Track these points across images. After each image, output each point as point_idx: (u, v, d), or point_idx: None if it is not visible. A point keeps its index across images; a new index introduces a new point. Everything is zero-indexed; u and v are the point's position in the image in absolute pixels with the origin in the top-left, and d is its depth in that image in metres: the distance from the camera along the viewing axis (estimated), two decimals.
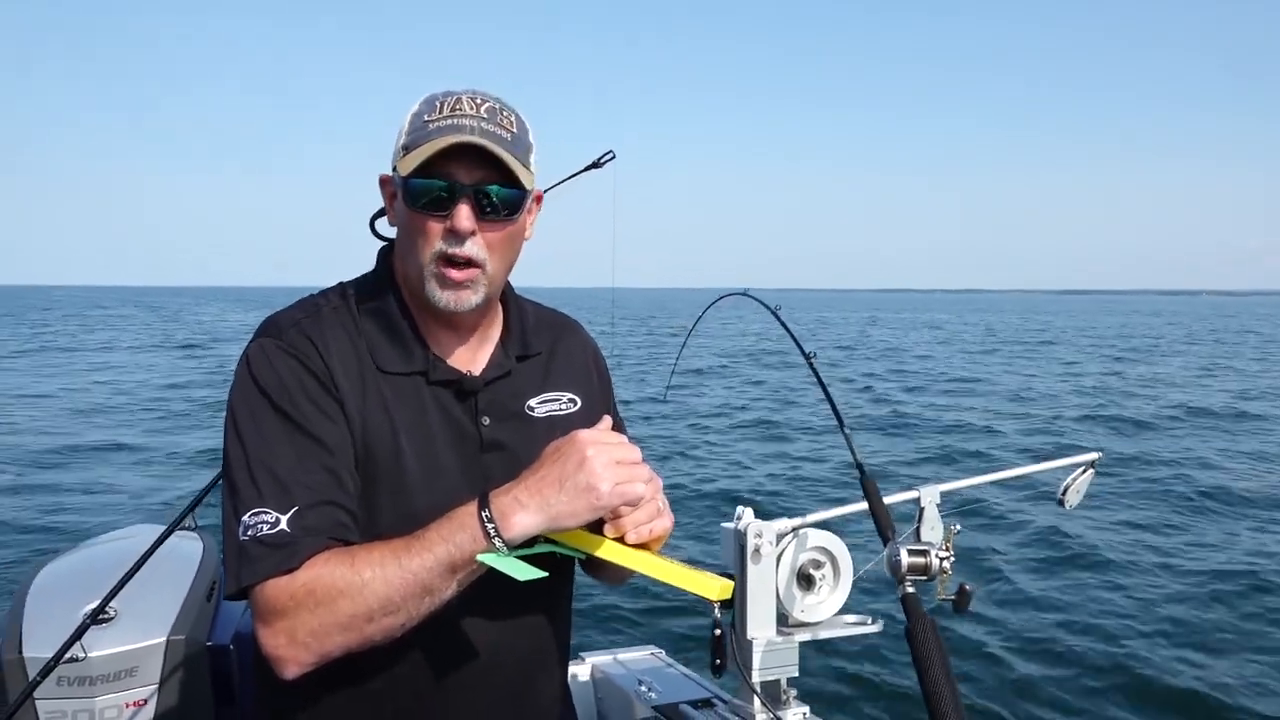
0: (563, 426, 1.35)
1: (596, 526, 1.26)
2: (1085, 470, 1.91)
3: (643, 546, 1.27)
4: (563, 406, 1.49)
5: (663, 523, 1.29)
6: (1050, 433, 13.68)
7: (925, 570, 1.51)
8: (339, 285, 1.44)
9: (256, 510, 1.22)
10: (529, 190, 1.35)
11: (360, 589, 1.17)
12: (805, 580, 1.71)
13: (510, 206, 1.32)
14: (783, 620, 1.70)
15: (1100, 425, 14.39)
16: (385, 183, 1.40)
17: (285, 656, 1.20)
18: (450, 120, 1.29)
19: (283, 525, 1.21)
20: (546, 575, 1.20)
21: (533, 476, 1.21)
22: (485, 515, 1.18)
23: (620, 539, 1.26)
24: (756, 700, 1.70)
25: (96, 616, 1.81)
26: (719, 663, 1.49)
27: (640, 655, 2.47)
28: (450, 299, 1.33)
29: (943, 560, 1.51)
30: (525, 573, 1.18)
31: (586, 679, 2.40)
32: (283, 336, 1.33)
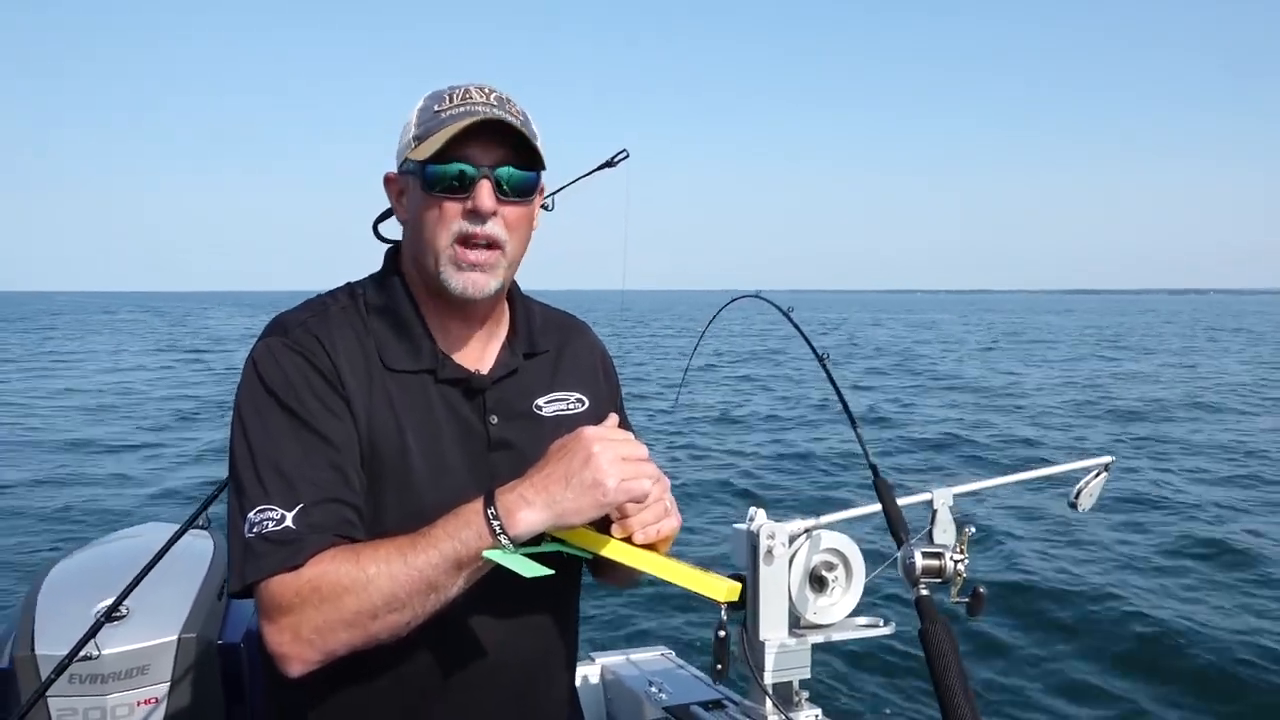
0: (570, 427, 1.35)
1: (604, 527, 1.26)
2: (1098, 474, 1.89)
3: (650, 547, 1.27)
4: (570, 407, 1.49)
5: (670, 523, 1.29)
6: (1062, 430, 13.62)
7: (939, 573, 1.49)
8: (347, 285, 1.45)
9: (262, 507, 1.22)
10: (543, 170, 1.37)
11: (365, 585, 1.17)
12: (818, 582, 1.70)
13: (527, 188, 1.35)
14: (795, 622, 1.69)
15: (1115, 425, 14.30)
16: (391, 181, 1.40)
17: (289, 654, 1.19)
18: (463, 107, 1.31)
19: (288, 522, 1.21)
20: (552, 573, 1.20)
21: (539, 473, 1.20)
22: (491, 512, 1.18)
23: (628, 539, 1.26)
24: (768, 702, 1.69)
25: (110, 615, 1.81)
26: (720, 667, 1.48)
27: (651, 656, 2.46)
28: (467, 283, 1.32)
29: (957, 563, 1.50)
30: (531, 569, 1.18)
31: (597, 679, 2.39)
32: (289, 335, 1.33)
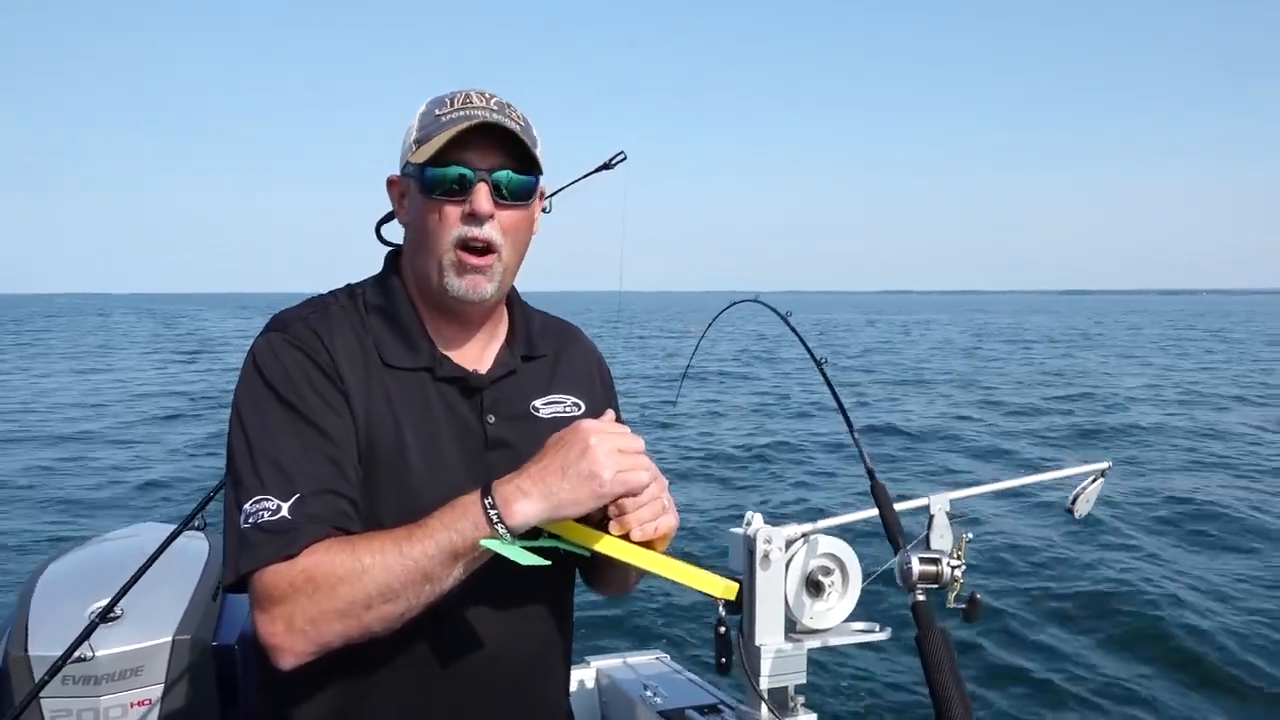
0: None
1: (602, 526, 1.26)
2: (1095, 479, 1.90)
3: (647, 545, 1.27)
4: (567, 410, 1.50)
5: (668, 520, 1.28)
6: (1056, 439, 13.63)
7: (936, 578, 1.49)
8: (347, 286, 1.46)
9: (259, 498, 1.23)
10: (541, 175, 1.38)
11: (360, 575, 1.17)
12: (814, 587, 1.70)
13: (525, 191, 1.36)
14: (791, 626, 1.69)
15: (1116, 431, 14.31)
16: (393, 183, 1.42)
17: (282, 645, 1.19)
18: (463, 111, 1.33)
19: (284, 512, 1.21)
20: (549, 563, 1.21)
21: (536, 465, 1.21)
22: (488, 502, 1.18)
23: (625, 536, 1.26)
24: (764, 707, 1.69)
25: (104, 616, 1.80)
26: (724, 660, 1.48)
27: (646, 660, 2.45)
28: (467, 287, 1.34)
29: (954, 568, 1.50)
30: (527, 558, 1.18)
31: (592, 683, 2.38)
32: (289, 330, 1.35)
